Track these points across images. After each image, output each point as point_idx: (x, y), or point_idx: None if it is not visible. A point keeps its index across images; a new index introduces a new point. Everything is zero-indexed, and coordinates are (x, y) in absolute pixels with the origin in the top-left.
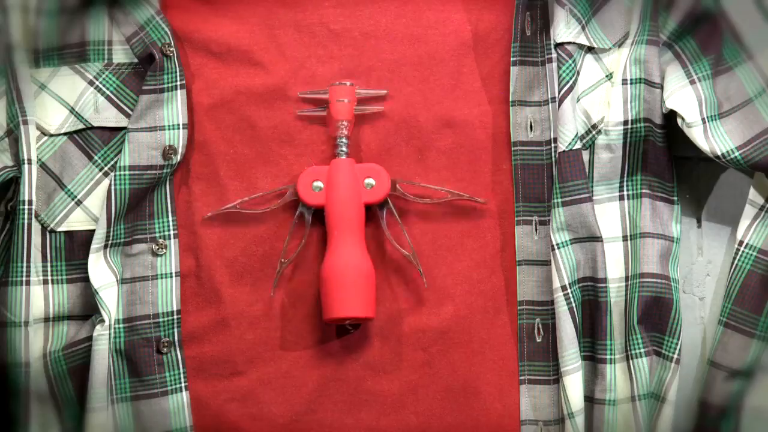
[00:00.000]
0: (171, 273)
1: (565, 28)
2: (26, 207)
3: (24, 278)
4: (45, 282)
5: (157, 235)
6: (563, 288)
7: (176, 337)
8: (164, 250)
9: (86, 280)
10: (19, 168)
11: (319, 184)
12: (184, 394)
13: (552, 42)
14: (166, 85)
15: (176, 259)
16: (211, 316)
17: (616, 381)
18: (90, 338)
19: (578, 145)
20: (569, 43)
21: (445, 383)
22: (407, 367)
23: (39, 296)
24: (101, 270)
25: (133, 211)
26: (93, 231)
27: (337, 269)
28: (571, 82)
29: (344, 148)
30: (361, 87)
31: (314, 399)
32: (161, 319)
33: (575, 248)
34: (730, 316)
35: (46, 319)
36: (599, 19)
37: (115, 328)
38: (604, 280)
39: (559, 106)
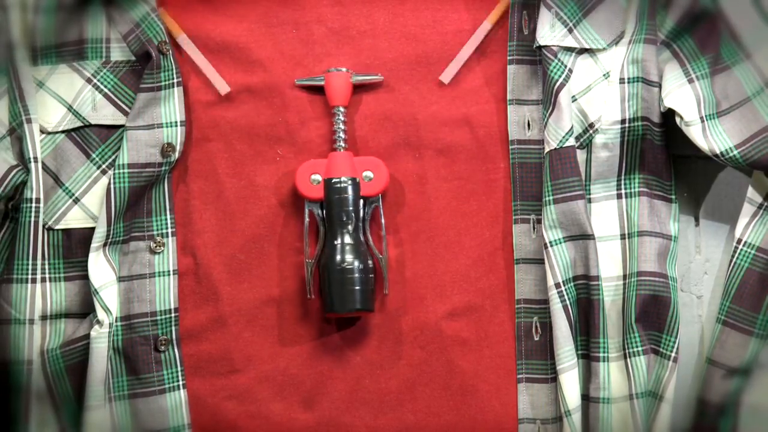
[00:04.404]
0: (169, 271)
1: (549, 32)
2: (33, 205)
3: (30, 276)
4: (43, 280)
5: (155, 232)
6: (557, 285)
7: (174, 335)
8: (162, 248)
9: (84, 278)
10: (25, 167)
11: (317, 177)
12: (182, 392)
13: (536, 44)
14: (163, 83)
15: (174, 257)
16: (209, 314)
17: (609, 379)
18: (87, 336)
19: (570, 142)
20: (554, 45)
21: (443, 381)
22: (405, 366)
23: (37, 294)
24: (101, 268)
25: (131, 209)
26: (91, 229)
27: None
28: (561, 80)
29: (342, 144)
30: (357, 73)
31: (312, 397)
32: (159, 317)
33: (569, 246)
34: (729, 314)
35: (44, 317)
36: (591, 20)
37: (113, 326)
38: (597, 278)
39: (554, 104)
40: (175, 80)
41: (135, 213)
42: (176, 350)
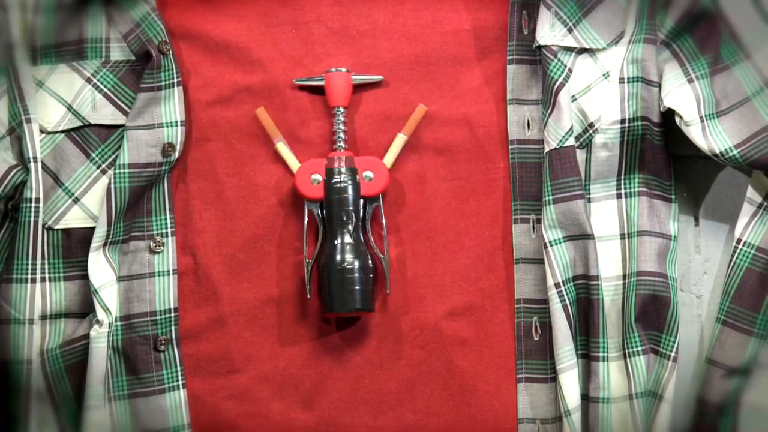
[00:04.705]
0: (168, 270)
1: (549, 31)
2: (33, 205)
3: (29, 275)
4: (42, 280)
5: (155, 232)
6: (557, 285)
7: (174, 335)
8: (162, 248)
9: (84, 277)
10: (25, 167)
11: (317, 177)
12: (182, 392)
13: (535, 43)
14: (163, 83)
15: (174, 256)
16: (209, 314)
17: (609, 379)
18: (87, 336)
19: (570, 142)
20: (554, 45)
21: (443, 381)
22: (405, 365)
23: (37, 294)
24: (101, 268)
25: (131, 209)
26: (90, 229)
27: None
28: (561, 79)
29: (342, 144)
30: (357, 73)
31: (311, 396)
32: (159, 317)
33: (568, 246)
34: (728, 313)
35: (44, 317)
36: (591, 20)
37: (112, 325)
38: (597, 278)
39: (553, 104)
40: (175, 80)
41: (135, 213)
42: (176, 350)
